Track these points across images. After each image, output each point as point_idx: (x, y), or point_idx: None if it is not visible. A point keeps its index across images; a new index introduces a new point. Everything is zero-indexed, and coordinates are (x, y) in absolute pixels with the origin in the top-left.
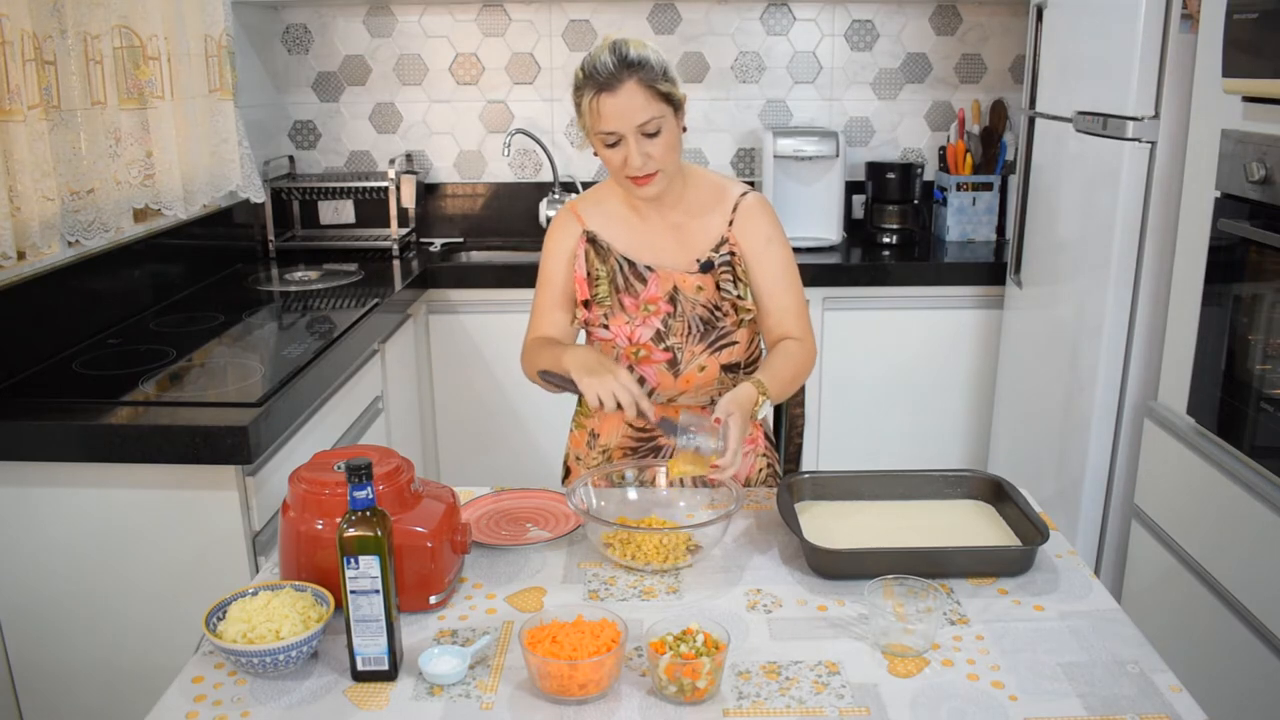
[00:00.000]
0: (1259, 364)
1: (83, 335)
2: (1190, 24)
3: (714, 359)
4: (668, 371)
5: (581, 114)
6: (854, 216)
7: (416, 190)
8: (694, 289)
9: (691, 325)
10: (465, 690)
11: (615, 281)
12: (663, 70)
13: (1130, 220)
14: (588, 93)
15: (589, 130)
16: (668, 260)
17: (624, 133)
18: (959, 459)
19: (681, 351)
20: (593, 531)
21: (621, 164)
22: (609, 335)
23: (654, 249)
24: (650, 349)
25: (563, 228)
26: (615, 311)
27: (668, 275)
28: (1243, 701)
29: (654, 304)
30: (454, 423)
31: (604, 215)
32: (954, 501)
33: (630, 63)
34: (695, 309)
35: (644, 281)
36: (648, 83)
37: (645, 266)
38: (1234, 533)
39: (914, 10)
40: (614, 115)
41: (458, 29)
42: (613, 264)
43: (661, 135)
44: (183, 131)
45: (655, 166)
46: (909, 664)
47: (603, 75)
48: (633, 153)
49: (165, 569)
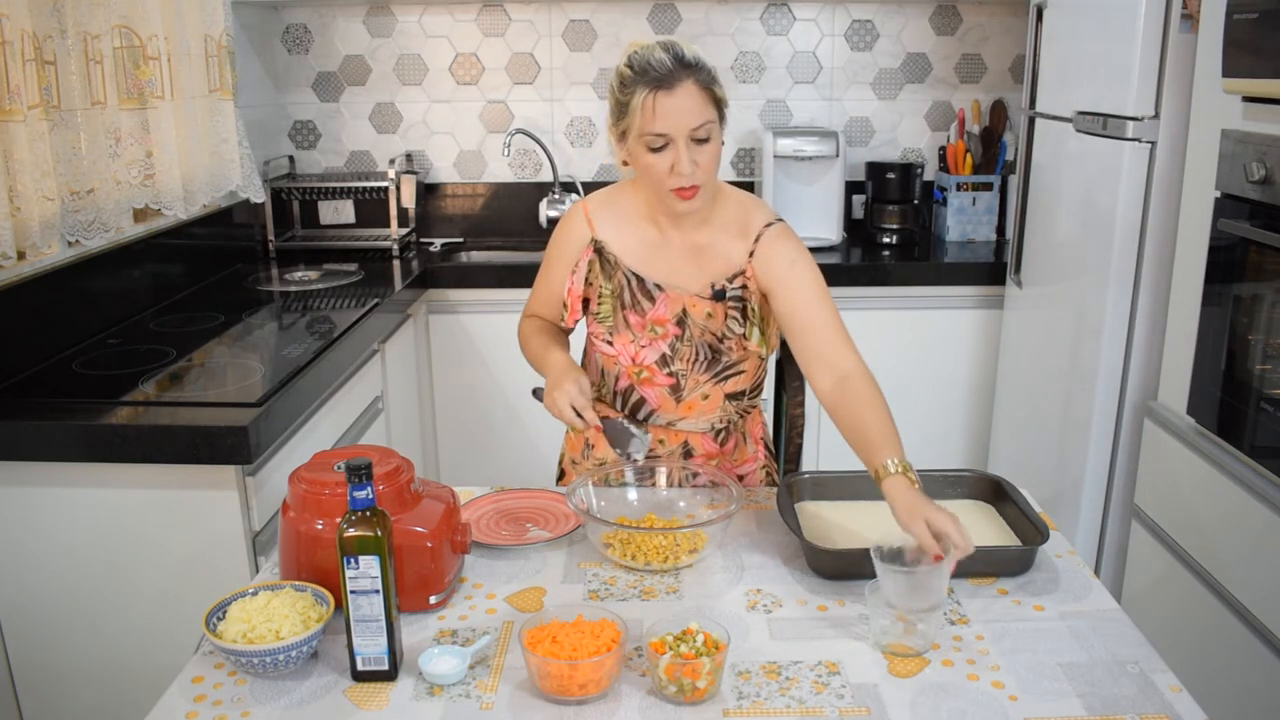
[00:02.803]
0: (1259, 364)
1: (83, 335)
2: (1190, 24)
3: (718, 388)
4: (670, 396)
5: (629, 113)
6: (854, 216)
7: (416, 190)
8: (704, 315)
9: (699, 351)
10: (465, 690)
11: (621, 297)
12: (715, 74)
13: (1130, 220)
14: (640, 91)
15: (635, 132)
16: (680, 281)
17: (675, 136)
18: (959, 459)
19: (685, 379)
20: (593, 531)
21: (667, 171)
22: (612, 352)
23: (668, 268)
24: (653, 371)
25: (572, 230)
26: (620, 329)
27: (677, 297)
28: (1243, 701)
29: (661, 325)
30: (454, 423)
31: (618, 224)
32: (954, 501)
33: (687, 63)
34: (704, 335)
35: (651, 300)
36: (704, 84)
37: (655, 284)
38: (1234, 533)
39: (914, 10)
40: (669, 115)
41: (458, 29)
42: (619, 279)
43: (710, 143)
44: (183, 131)
45: (701, 179)
46: (909, 664)
47: (659, 72)
48: (683, 159)
49: (165, 569)
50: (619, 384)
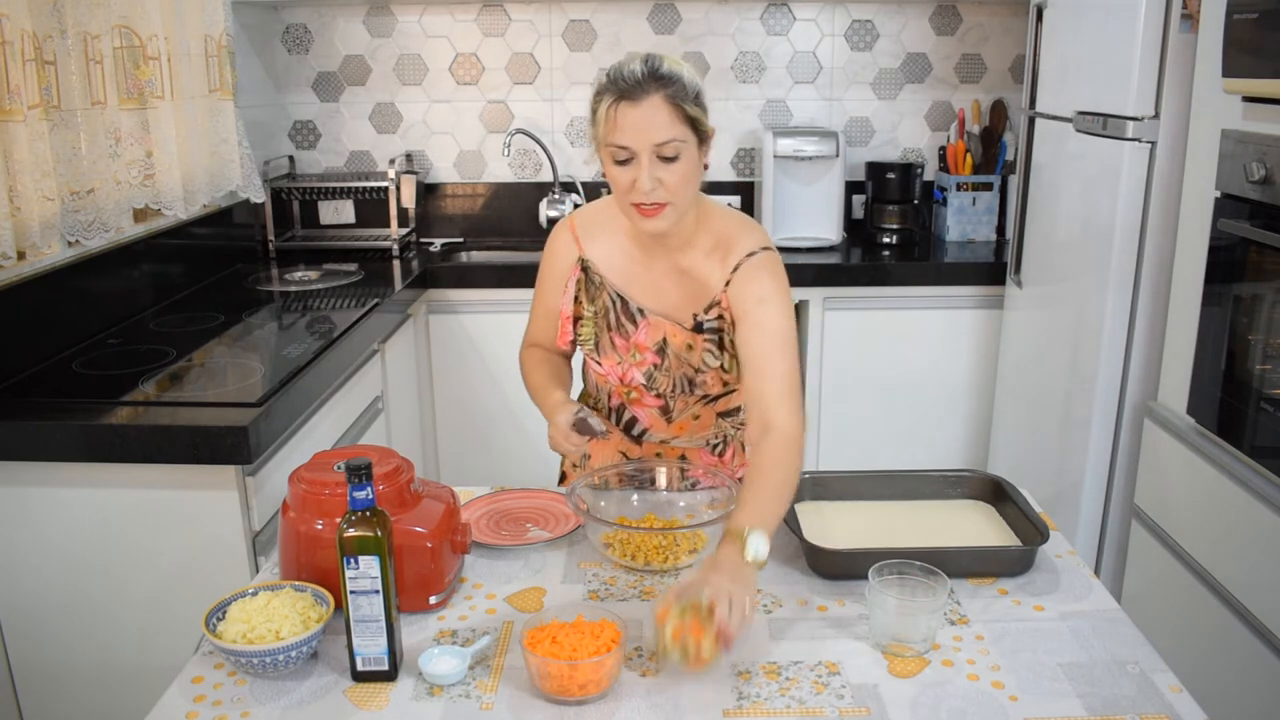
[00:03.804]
0: (1259, 364)
1: (83, 335)
2: (1190, 24)
3: (709, 408)
4: (660, 417)
5: (596, 121)
6: (854, 216)
7: (416, 190)
8: (684, 346)
9: (677, 383)
10: (465, 690)
11: (606, 319)
12: (695, 93)
13: (1130, 220)
14: (607, 98)
15: (600, 140)
16: (664, 307)
17: (638, 150)
18: (959, 459)
19: (673, 400)
20: (593, 531)
21: (629, 186)
22: (602, 371)
23: (653, 292)
24: (642, 392)
25: (559, 250)
26: (606, 350)
27: (659, 324)
28: (1243, 701)
29: (642, 352)
30: (454, 423)
31: (605, 243)
32: (954, 501)
33: (660, 76)
34: (681, 366)
35: (635, 324)
36: (675, 101)
37: (638, 309)
38: (1234, 533)
39: (914, 10)
40: (631, 128)
41: (458, 29)
42: (604, 300)
43: (679, 163)
44: (183, 131)
45: (665, 197)
46: (909, 664)
47: (628, 83)
48: (643, 175)
49: (165, 569)
50: (611, 401)
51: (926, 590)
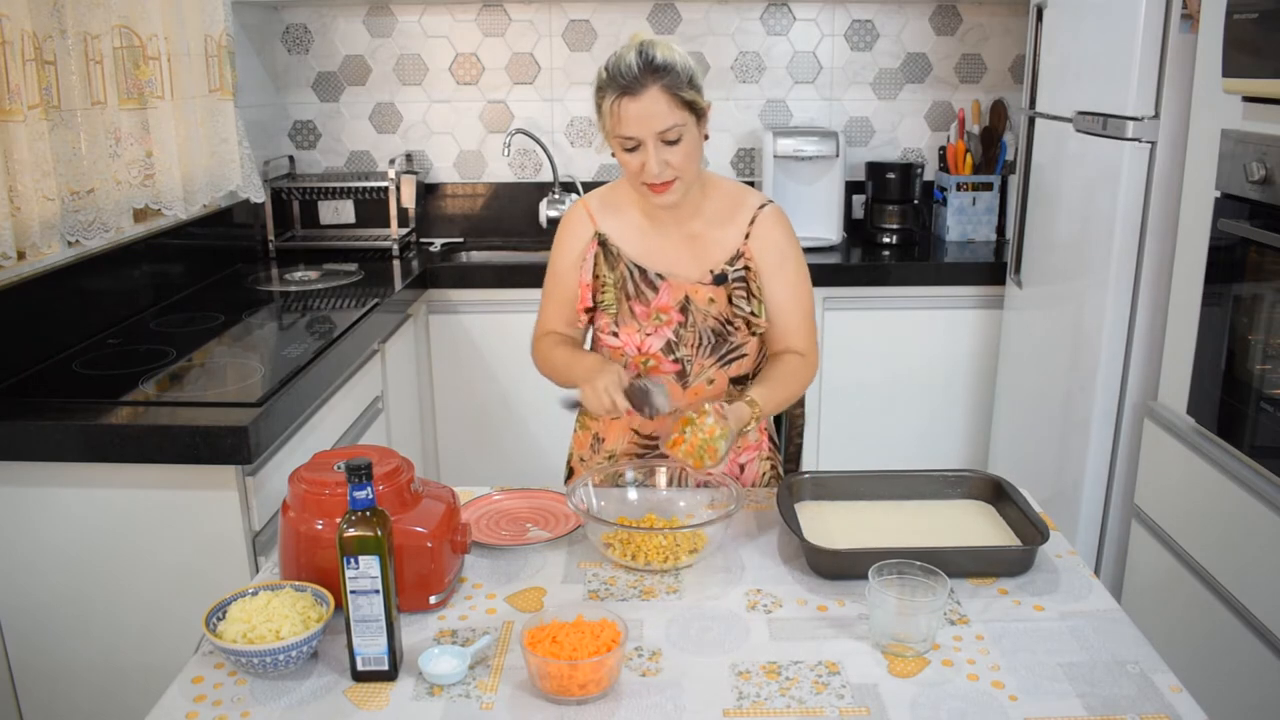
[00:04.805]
0: (1259, 364)
1: (83, 335)
2: (1190, 24)
3: (723, 372)
4: (676, 383)
5: (602, 116)
6: (854, 216)
7: (416, 190)
8: (706, 300)
9: (703, 336)
10: (465, 690)
11: (625, 289)
12: (688, 77)
13: (1130, 220)
14: (609, 95)
15: (608, 133)
16: (680, 270)
17: (644, 138)
18: (959, 459)
19: (691, 364)
20: (593, 531)
21: (639, 170)
22: (618, 343)
23: (667, 258)
24: (660, 359)
25: (575, 227)
26: (625, 320)
27: (679, 285)
28: (1243, 701)
29: (665, 313)
30: (454, 423)
31: (618, 219)
32: (954, 501)
33: (655, 67)
34: (707, 320)
35: (655, 289)
36: (671, 89)
37: (656, 274)
38: (1234, 533)
39: (914, 10)
40: (634, 120)
41: (458, 29)
42: (622, 270)
43: (682, 143)
44: (183, 131)
45: (673, 174)
46: (909, 664)
47: (626, 79)
48: (651, 160)
49: (165, 569)
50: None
51: (926, 590)
